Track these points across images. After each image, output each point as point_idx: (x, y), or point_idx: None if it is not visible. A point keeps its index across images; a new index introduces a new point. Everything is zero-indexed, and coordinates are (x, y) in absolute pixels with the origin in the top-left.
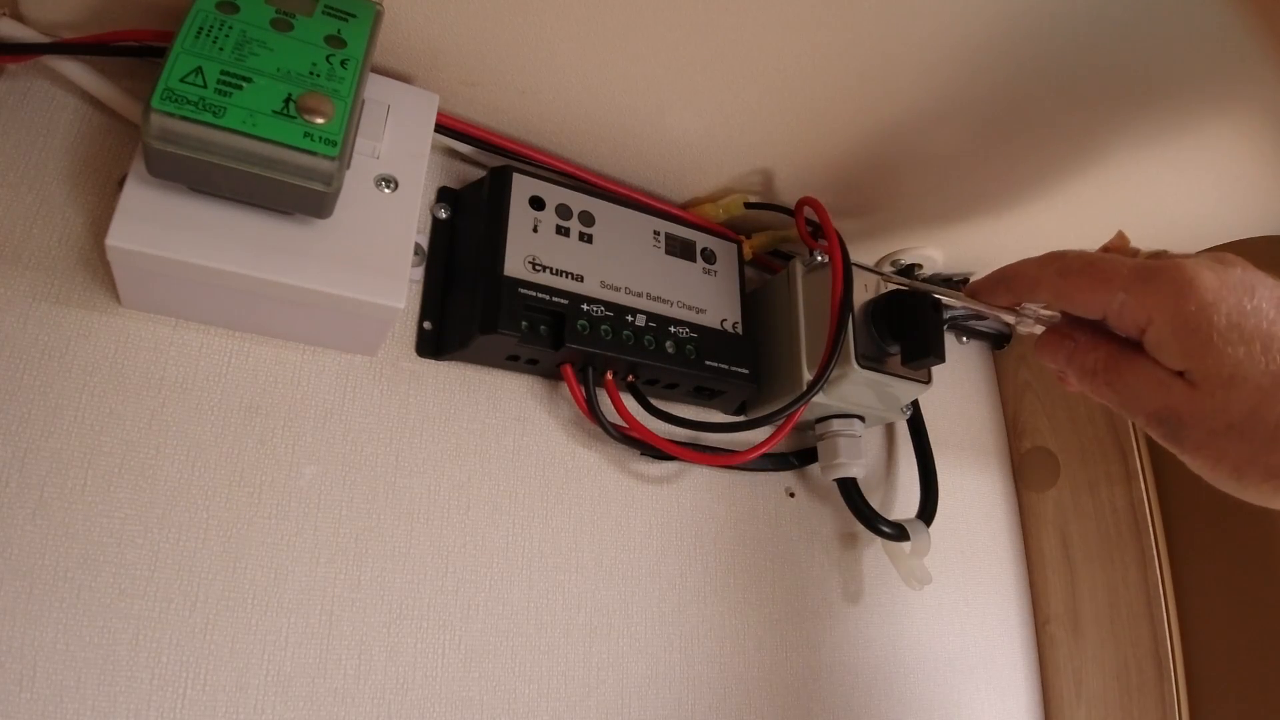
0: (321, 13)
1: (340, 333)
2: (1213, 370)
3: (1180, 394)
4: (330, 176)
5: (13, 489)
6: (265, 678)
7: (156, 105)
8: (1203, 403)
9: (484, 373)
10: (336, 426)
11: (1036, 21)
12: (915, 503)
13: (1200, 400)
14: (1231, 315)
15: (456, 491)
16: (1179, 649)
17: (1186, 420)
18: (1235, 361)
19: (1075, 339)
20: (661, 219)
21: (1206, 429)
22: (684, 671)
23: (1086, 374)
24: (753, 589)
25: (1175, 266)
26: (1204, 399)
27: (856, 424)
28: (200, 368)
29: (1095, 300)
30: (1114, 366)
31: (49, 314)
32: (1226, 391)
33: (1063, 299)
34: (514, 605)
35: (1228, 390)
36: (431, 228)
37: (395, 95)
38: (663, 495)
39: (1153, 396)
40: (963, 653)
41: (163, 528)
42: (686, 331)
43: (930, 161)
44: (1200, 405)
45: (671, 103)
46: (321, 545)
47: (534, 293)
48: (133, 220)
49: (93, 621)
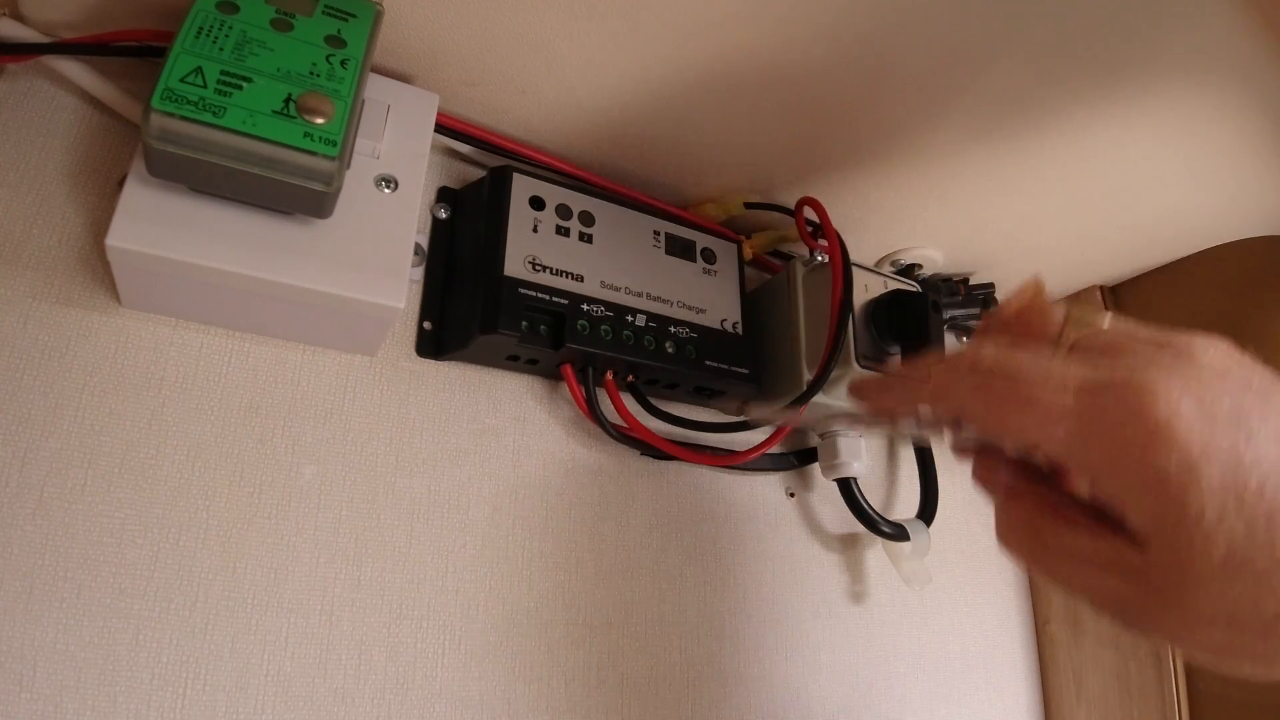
0: (321, 13)
1: (340, 333)
2: (1199, 553)
3: (1139, 576)
4: (330, 176)
5: (13, 489)
6: (265, 678)
7: (156, 105)
8: (1176, 593)
9: (484, 373)
10: (336, 426)
11: (1039, 17)
12: (915, 503)
13: (1173, 590)
14: (1225, 476)
15: (456, 491)
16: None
17: (1150, 611)
18: (1231, 543)
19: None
20: (661, 219)
21: (1179, 621)
22: (684, 671)
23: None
24: (753, 589)
25: (1136, 391)
26: (1182, 591)
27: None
28: (200, 368)
29: (1024, 429)
30: (1045, 527)
31: (49, 314)
32: (1217, 583)
33: (979, 419)
34: (514, 605)
35: (1219, 581)
36: (431, 228)
37: (395, 95)
38: (663, 495)
39: (1103, 578)
40: (963, 653)
41: (163, 528)
42: (686, 331)
43: (931, 160)
44: (1170, 595)
45: (671, 102)
46: (321, 545)
47: (534, 293)
48: (133, 220)
49: (93, 621)
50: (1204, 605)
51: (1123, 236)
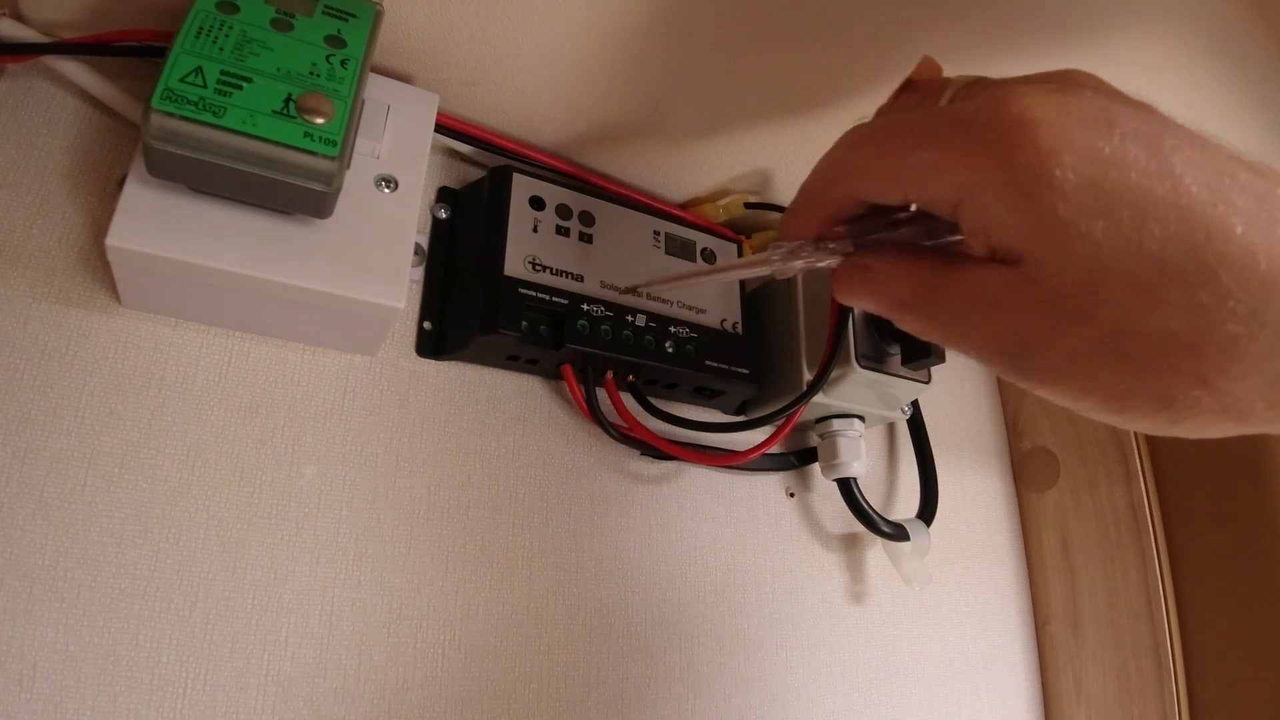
0: (321, 13)
1: (340, 333)
2: (1062, 256)
3: (1020, 303)
4: (330, 176)
5: (13, 489)
6: (265, 678)
7: (156, 105)
8: (1052, 311)
9: (484, 373)
10: (336, 426)
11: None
12: (915, 503)
13: (1048, 308)
14: (1082, 167)
15: (456, 491)
16: (1179, 649)
17: (1034, 341)
18: (1094, 241)
19: (872, 267)
20: (661, 219)
21: (1064, 352)
22: (684, 671)
23: (898, 309)
24: (753, 589)
25: (994, 98)
26: (1053, 305)
27: (856, 424)
28: (200, 368)
29: (887, 172)
30: (929, 291)
31: (49, 314)
32: (1085, 291)
33: (853, 188)
34: (514, 605)
35: (1087, 288)
36: (431, 228)
37: (395, 95)
38: (663, 495)
39: (984, 317)
40: (963, 653)
41: (163, 528)
42: (686, 331)
43: None
44: (1049, 315)
45: (672, 102)
46: (321, 545)
47: (534, 293)
48: (133, 220)
49: (93, 621)
50: (1078, 326)
51: None
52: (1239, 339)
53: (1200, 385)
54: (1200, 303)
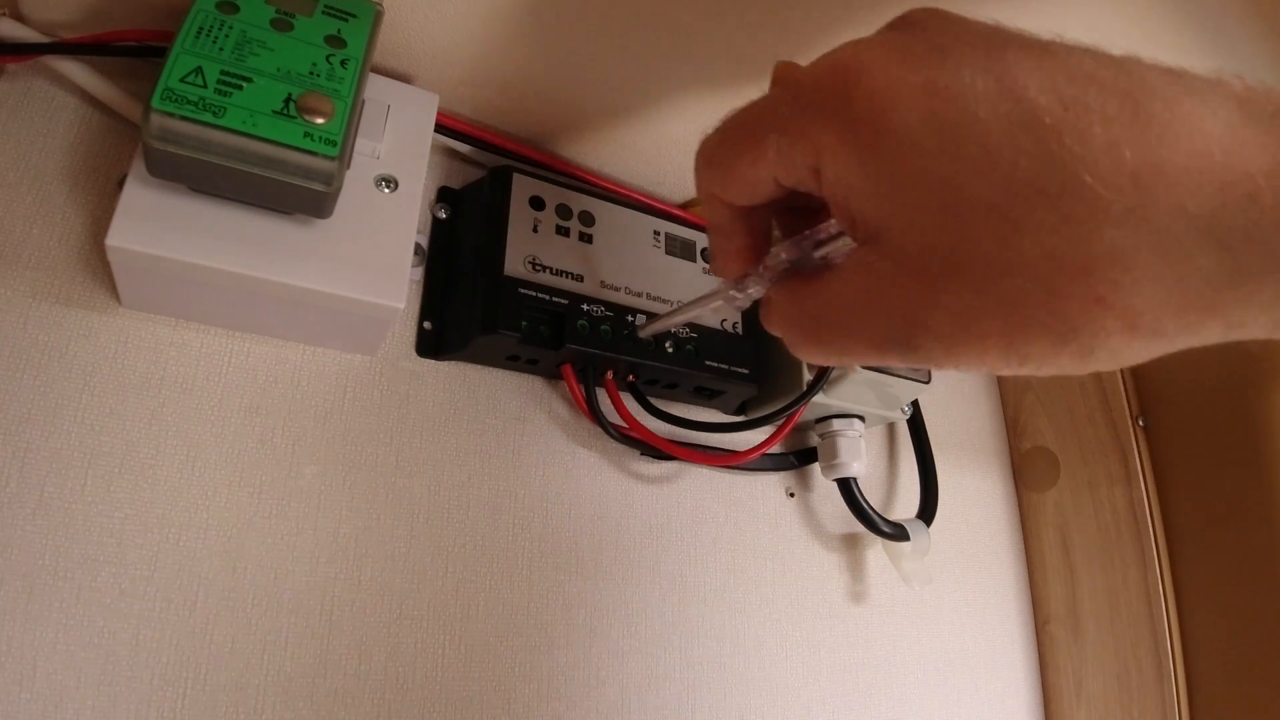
0: (321, 13)
1: (340, 333)
2: (916, 207)
3: (889, 282)
4: (330, 176)
5: (13, 489)
6: (265, 678)
7: (156, 105)
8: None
9: (484, 373)
10: (336, 426)
11: None
12: (915, 503)
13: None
14: (919, 103)
15: (456, 491)
16: (1179, 649)
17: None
18: (947, 183)
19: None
20: (661, 219)
21: (946, 315)
22: (684, 671)
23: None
24: (753, 589)
25: (825, 59)
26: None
27: (856, 424)
28: (200, 368)
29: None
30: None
31: (49, 314)
32: (950, 240)
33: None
34: (514, 605)
35: (951, 235)
36: (431, 228)
37: (395, 95)
38: (663, 495)
39: (862, 314)
40: (963, 653)
41: (163, 528)
42: (686, 331)
43: None
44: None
45: (672, 102)
46: (321, 545)
47: (534, 293)
48: (133, 220)
49: (93, 621)
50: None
51: None
52: (1122, 244)
53: (1097, 304)
54: (1070, 214)
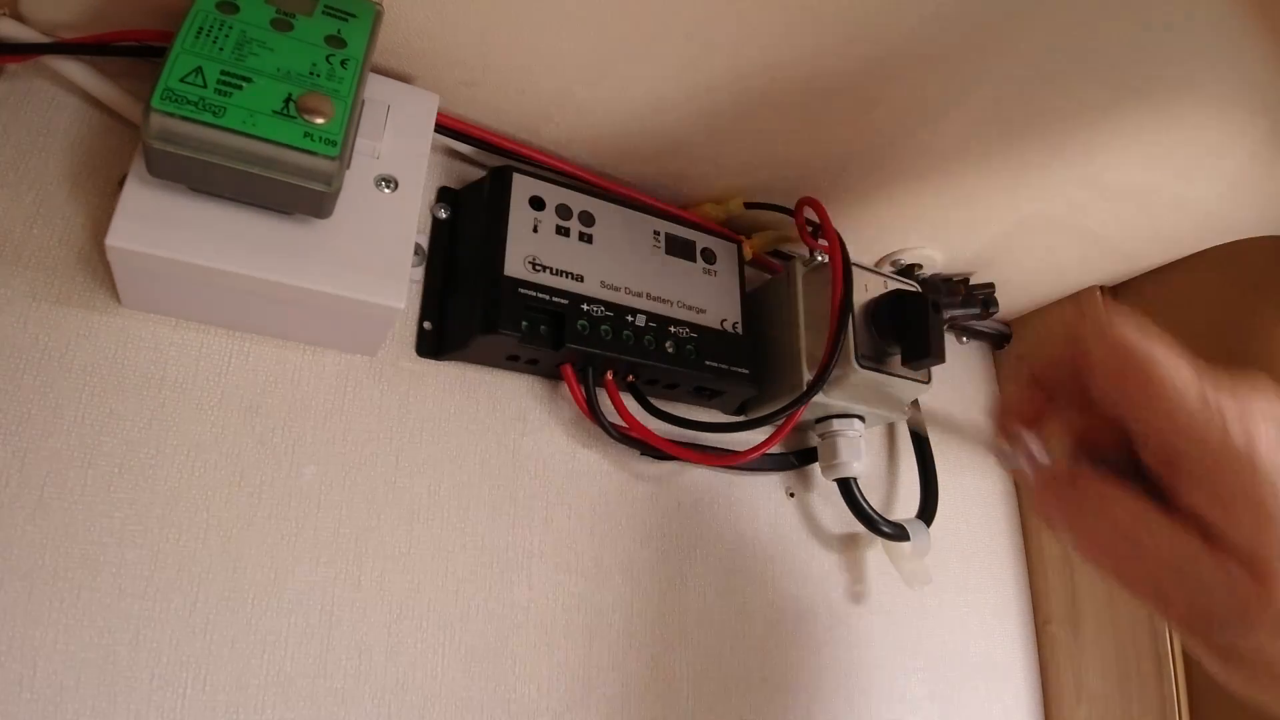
0: (321, 13)
1: (340, 333)
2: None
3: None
4: (330, 176)
5: (13, 489)
6: (265, 678)
7: (156, 105)
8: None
9: (484, 373)
10: (336, 426)
11: (1042, 19)
12: (915, 503)
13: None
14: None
15: (456, 491)
16: (1179, 649)
17: (1251, 617)
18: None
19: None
20: (661, 219)
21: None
22: (684, 671)
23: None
24: (753, 589)
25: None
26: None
27: (856, 424)
28: (200, 368)
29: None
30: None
31: (49, 314)
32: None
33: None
34: (514, 605)
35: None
36: (431, 228)
37: (395, 95)
38: (663, 495)
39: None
40: (963, 653)
41: (163, 528)
42: (686, 331)
43: (931, 160)
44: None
45: (672, 101)
46: (321, 545)
47: (534, 293)
48: (133, 220)
49: (93, 621)
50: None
51: (1123, 236)
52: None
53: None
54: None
